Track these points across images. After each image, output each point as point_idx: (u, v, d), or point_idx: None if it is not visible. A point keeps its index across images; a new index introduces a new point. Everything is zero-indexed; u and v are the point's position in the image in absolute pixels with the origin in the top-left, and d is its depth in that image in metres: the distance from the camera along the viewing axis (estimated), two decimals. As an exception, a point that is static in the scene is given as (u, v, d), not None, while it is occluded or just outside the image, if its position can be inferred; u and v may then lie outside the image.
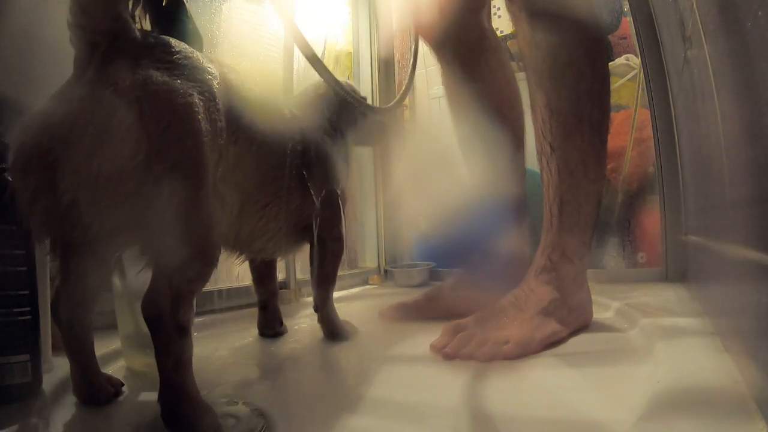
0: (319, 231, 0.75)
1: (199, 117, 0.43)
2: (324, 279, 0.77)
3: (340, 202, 0.77)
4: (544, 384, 0.53)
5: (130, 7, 0.45)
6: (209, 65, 0.49)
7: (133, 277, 0.57)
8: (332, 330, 0.77)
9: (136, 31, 0.44)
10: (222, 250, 0.60)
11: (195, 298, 0.45)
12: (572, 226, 0.70)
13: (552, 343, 0.64)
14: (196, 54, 0.48)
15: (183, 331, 0.42)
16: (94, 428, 0.45)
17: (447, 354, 0.61)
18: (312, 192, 0.71)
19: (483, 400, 0.49)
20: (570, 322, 0.68)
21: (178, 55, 0.45)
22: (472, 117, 0.87)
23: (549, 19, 0.66)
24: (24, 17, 0.67)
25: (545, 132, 0.70)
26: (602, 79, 0.70)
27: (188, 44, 0.49)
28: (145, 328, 0.56)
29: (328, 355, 0.70)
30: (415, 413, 0.47)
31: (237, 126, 0.51)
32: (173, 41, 0.47)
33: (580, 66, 0.67)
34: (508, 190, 0.84)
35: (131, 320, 0.57)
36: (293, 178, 0.66)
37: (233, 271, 0.98)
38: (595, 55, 0.69)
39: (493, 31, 0.91)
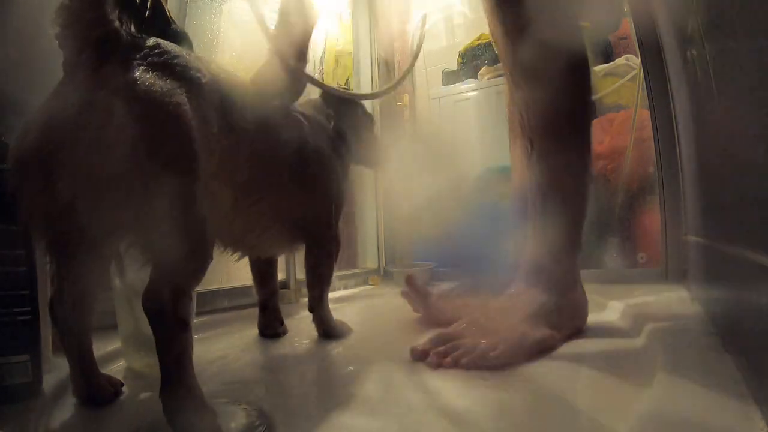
0: (313, 231, 0.76)
1: (189, 116, 0.43)
2: (318, 280, 0.78)
3: (335, 202, 0.77)
4: (542, 384, 0.53)
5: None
6: (198, 63, 0.50)
7: (132, 277, 0.57)
8: (327, 330, 0.77)
9: (124, 33, 0.45)
10: (216, 246, 0.60)
11: (195, 294, 0.45)
12: (557, 224, 0.68)
13: (545, 349, 0.62)
14: (185, 53, 0.49)
15: (184, 326, 0.42)
16: (94, 428, 0.45)
17: (432, 363, 0.59)
18: (307, 190, 0.71)
19: (477, 405, 0.49)
20: (562, 325, 0.66)
21: (166, 55, 0.46)
22: None
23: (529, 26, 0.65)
24: (24, 17, 0.67)
25: (524, 126, 0.68)
26: (582, 70, 0.68)
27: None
28: (145, 329, 0.56)
29: (328, 356, 0.70)
30: (414, 414, 0.47)
31: (227, 122, 0.52)
32: (162, 42, 0.47)
33: (560, 58, 0.65)
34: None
35: (131, 320, 0.57)
36: (288, 175, 0.66)
37: (232, 271, 0.98)
38: (573, 47, 0.67)
39: None
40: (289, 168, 0.67)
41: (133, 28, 0.58)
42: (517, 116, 0.69)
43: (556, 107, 0.66)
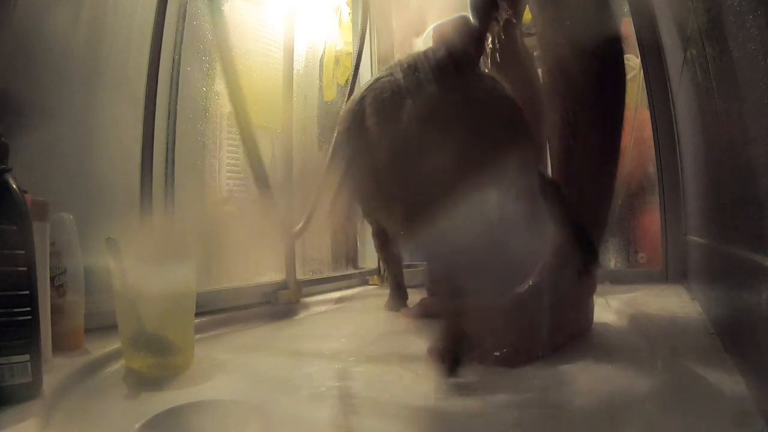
0: None
1: None
2: None
3: None
4: (540, 384, 0.53)
5: None
6: None
7: (134, 278, 0.57)
8: None
9: None
10: None
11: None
12: (590, 222, 0.66)
13: (551, 351, 0.60)
14: None
15: None
16: (94, 428, 0.45)
17: (433, 358, 0.57)
18: None
19: (475, 405, 0.49)
20: (574, 327, 0.65)
21: None
22: None
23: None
24: (26, 19, 0.67)
25: (567, 119, 0.66)
26: (623, 71, 0.69)
27: None
28: (149, 329, 0.56)
29: (332, 356, 0.70)
30: (413, 415, 0.47)
31: None
32: None
33: (604, 55, 0.65)
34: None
35: (134, 321, 0.57)
36: None
37: (232, 271, 0.98)
38: (615, 46, 0.68)
39: (524, 45, 0.93)
40: None
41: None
42: (558, 107, 0.67)
43: (602, 103, 0.66)
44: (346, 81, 1.42)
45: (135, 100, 0.82)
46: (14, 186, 0.45)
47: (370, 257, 1.45)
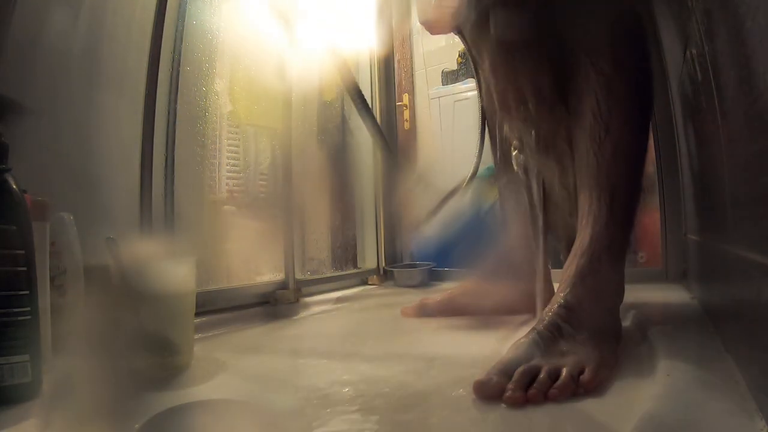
0: None
1: None
2: None
3: None
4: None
5: None
6: None
7: (134, 278, 0.57)
8: None
9: None
10: None
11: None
12: (623, 219, 0.64)
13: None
14: None
15: None
16: (94, 428, 0.45)
17: (514, 400, 0.46)
18: None
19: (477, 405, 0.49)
20: (616, 333, 0.61)
21: None
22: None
23: None
24: (26, 19, 0.67)
25: (598, 112, 0.63)
26: (651, 68, 0.69)
27: None
28: (148, 328, 0.56)
29: (331, 355, 0.70)
30: (413, 414, 0.47)
31: None
32: None
33: (635, 44, 0.65)
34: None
35: (134, 320, 0.57)
36: None
37: (232, 271, 0.98)
38: (646, 44, 0.68)
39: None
40: None
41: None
42: (589, 99, 0.64)
43: (633, 96, 0.65)
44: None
45: (135, 100, 0.82)
46: (14, 186, 0.45)
47: (369, 257, 1.45)
